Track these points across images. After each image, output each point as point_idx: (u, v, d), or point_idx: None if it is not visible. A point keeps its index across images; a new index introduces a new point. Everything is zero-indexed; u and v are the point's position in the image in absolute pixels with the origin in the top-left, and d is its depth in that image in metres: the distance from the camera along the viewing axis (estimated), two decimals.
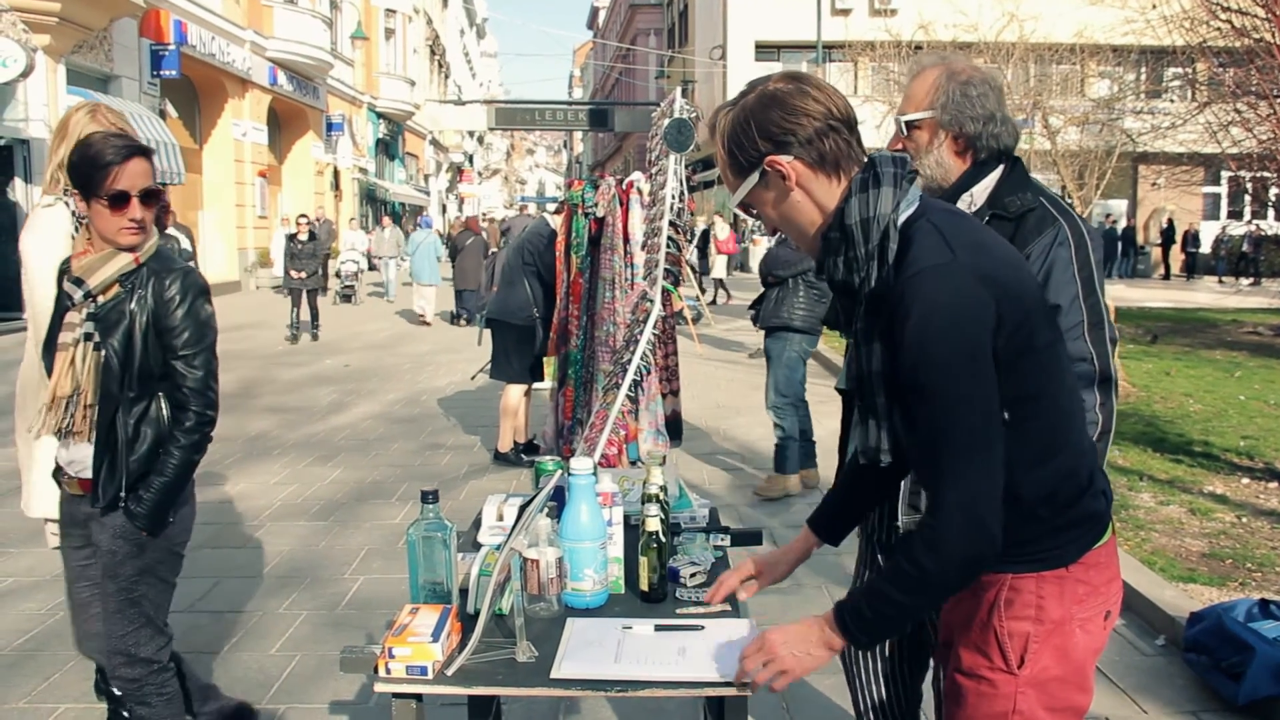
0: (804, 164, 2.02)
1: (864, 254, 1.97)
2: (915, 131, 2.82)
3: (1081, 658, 2.08)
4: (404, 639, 2.18)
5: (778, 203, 2.09)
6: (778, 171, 2.03)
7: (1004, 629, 2.06)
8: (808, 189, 2.04)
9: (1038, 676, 2.05)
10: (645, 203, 6.50)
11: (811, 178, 2.03)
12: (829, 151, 2.02)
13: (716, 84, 36.79)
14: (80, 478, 3.12)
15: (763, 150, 2.03)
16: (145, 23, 21.04)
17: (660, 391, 5.58)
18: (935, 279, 1.88)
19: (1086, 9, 15.86)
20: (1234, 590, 5.23)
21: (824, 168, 2.03)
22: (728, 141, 2.09)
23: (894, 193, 1.97)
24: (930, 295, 1.87)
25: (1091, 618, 2.07)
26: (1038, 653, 2.05)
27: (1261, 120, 12.52)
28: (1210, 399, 10.61)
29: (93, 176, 2.96)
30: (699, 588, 2.59)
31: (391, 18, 41.48)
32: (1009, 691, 2.07)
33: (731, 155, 2.09)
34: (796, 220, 2.09)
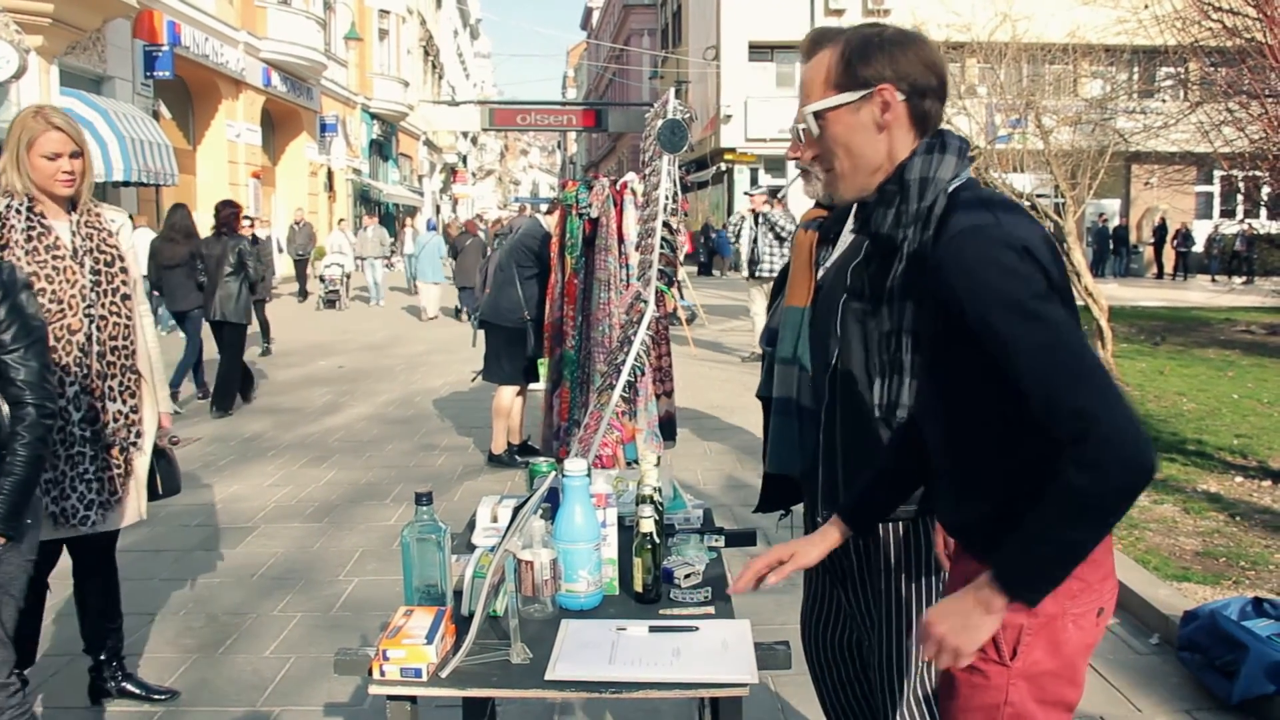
0: (907, 109, 2.07)
1: (914, 210, 2.02)
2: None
3: (1073, 653, 2.07)
4: (398, 641, 2.18)
5: (857, 130, 2.09)
6: (884, 102, 2.05)
7: None
8: (892, 133, 2.08)
9: (1029, 669, 2.05)
10: (639, 203, 6.51)
11: (903, 125, 2.08)
12: (926, 111, 2.08)
13: (710, 84, 36.81)
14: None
15: (884, 75, 2.05)
16: (138, 24, 21.00)
17: (654, 392, 5.59)
18: (982, 232, 1.91)
19: (1079, 9, 15.88)
20: (1227, 589, 5.24)
21: (915, 123, 2.08)
22: (851, 50, 2.08)
23: (956, 162, 2.04)
24: (982, 246, 1.89)
25: (1085, 614, 2.06)
26: (1030, 645, 2.04)
27: (1253, 119, 12.55)
28: (1204, 398, 10.62)
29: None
30: (693, 589, 2.60)
31: (385, 18, 41.44)
32: (1000, 683, 2.07)
33: (846, 64, 2.08)
34: (864, 155, 2.10)
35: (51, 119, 3.66)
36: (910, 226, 2.03)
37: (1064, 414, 1.81)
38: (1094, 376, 1.81)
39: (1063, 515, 1.83)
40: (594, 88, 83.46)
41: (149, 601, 5.38)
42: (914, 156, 2.05)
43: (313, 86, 32.63)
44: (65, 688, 4.38)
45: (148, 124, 20.06)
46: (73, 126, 3.72)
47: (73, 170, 3.68)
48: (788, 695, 4.25)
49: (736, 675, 2.17)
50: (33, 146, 3.63)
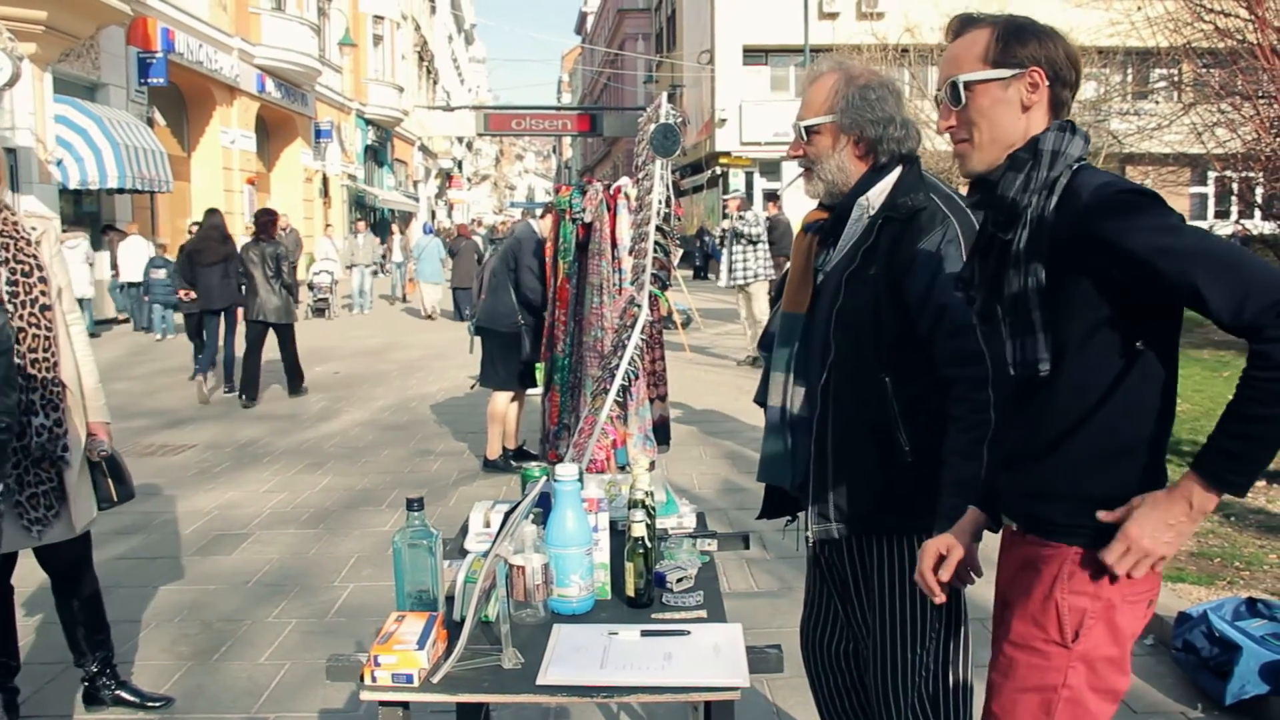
0: (1049, 94, 2.21)
1: (1043, 178, 2.14)
2: (815, 137, 2.82)
3: (1127, 640, 2.15)
4: (389, 647, 2.18)
5: (1001, 105, 2.23)
6: (1032, 83, 2.20)
7: (1065, 602, 2.12)
8: (1032, 114, 2.22)
9: (1089, 653, 2.12)
10: (632, 208, 6.51)
11: (1042, 108, 2.22)
12: (1063, 101, 2.24)
13: (705, 88, 36.82)
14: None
15: (1038, 58, 2.20)
16: (132, 31, 21.01)
17: (648, 396, 5.59)
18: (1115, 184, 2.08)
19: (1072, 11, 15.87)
20: (1222, 589, 5.25)
21: (1052, 108, 2.23)
22: (1008, 32, 2.22)
23: (1084, 145, 2.17)
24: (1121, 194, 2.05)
25: (1139, 602, 2.15)
26: (1092, 628, 2.11)
27: (1246, 121, 12.56)
28: (1198, 398, 10.64)
29: None
30: (685, 593, 2.60)
31: (379, 24, 41.43)
32: (1061, 664, 2.13)
33: (1003, 42, 2.22)
34: (1003, 128, 2.23)
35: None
36: (1037, 194, 2.13)
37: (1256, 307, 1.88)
38: (1251, 261, 1.92)
39: (1265, 397, 1.90)
40: (589, 92, 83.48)
41: (143, 608, 5.38)
42: (1048, 132, 2.18)
43: (307, 92, 32.63)
44: (59, 695, 4.38)
45: (142, 131, 20.06)
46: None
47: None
48: (782, 699, 4.25)
49: (728, 679, 2.17)
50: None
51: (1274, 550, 5.83)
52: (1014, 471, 2.26)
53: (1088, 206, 2.06)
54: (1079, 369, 2.12)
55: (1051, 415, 2.17)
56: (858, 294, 2.68)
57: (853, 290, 2.69)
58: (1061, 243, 2.07)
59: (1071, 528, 2.12)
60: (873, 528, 2.75)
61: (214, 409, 11.25)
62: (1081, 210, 2.06)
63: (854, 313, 2.68)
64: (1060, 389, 2.15)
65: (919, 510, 2.60)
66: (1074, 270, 2.07)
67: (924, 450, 2.59)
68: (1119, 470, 2.10)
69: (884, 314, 2.64)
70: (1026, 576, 2.20)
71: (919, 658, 2.73)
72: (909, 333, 2.61)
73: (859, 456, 2.70)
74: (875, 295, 2.65)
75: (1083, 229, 2.04)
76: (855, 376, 2.69)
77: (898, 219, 2.66)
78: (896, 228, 2.65)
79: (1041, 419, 2.19)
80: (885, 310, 2.63)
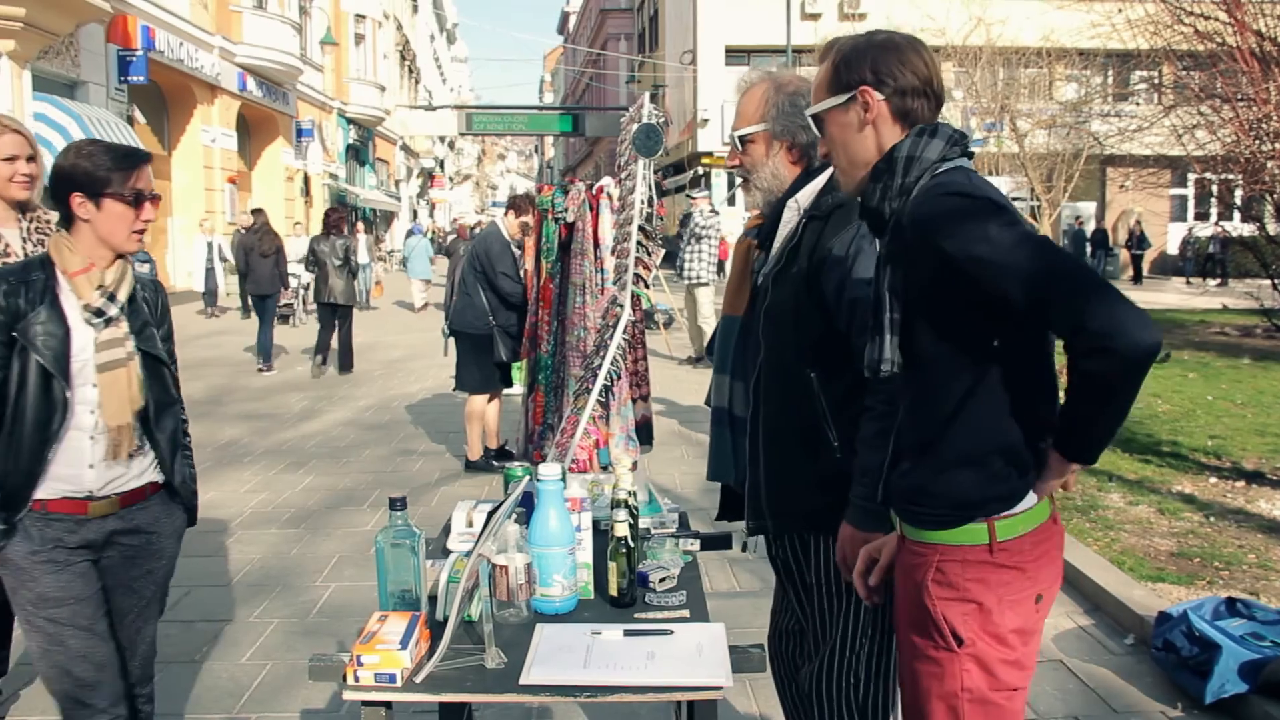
0: (888, 108, 2.24)
1: (898, 185, 2.17)
2: (750, 146, 2.88)
3: (1016, 640, 2.17)
4: (372, 646, 2.17)
5: (847, 129, 2.29)
6: (864, 102, 2.24)
7: (937, 609, 2.15)
8: (879, 130, 2.26)
9: (980, 655, 2.14)
10: (615, 208, 6.51)
11: (888, 122, 2.25)
12: (912, 110, 2.25)
13: (687, 89, 36.85)
14: (121, 492, 3.00)
15: (864, 78, 2.24)
16: (112, 28, 20.87)
17: (630, 396, 5.59)
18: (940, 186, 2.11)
19: (1053, 13, 15.99)
20: (1202, 589, 5.28)
21: (901, 120, 2.25)
22: (840, 58, 2.30)
23: (943, 147, 2.18)
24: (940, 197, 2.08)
25: (1021, 600, 2.16)
26: (971, 631, 2.14)
27: (1225, 123, 12.66)
28: (1178, 399, 10.70)
29: (113, 175, 2.86)
30: (668, 592, 2.60)
31: (361, 23, 41.31)
32: (955, 670, 2.15)
33: (836, 70, 2.29)
34: (854, 151, 2.29)
35: (4, 122, 3.60)
36: (895, 199, 2.17)
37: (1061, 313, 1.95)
38: (1080, 274, 1.95)
39: (1087, 402, 2.00)
40: (571, 92, 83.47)
41: None
42: (904, 139, 2.21)
43: (288, 91, 32.49)
44: (42, 698, 4.35)
45: (122, 129, 19.94)
46: (26, 131, 3.67)
47: (29, 173, 3.62)
48: (765, 698, 4.26)
49: (711, 678, 2.17)
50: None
51: (1253, 550, 5.86)
52: (894, 470, 2.31)
53: (917, 211, 2.10)
54: (940, 370, 2.15)
55: (921, 415, 2.21)
56: (782, 292, 2.71)
57: (779, 289, 2.73)
58: (909, 246, 2.12)
59: (937, 522, 2.17)
60: (805, 525, 2.77)
61: (194, 409, 11.19)
62: (915, 215, 2.10)
63: (779, 311, 2.72)
64: (925, 389, 2.19)
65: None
66: (923, 273, 2.10)
67: (854, 446, 2.59)
68: (983, 470, 2.13)
69: (805, 311, 2.66)
70: (906, 584, 2.25)
71: (848, 663, 2.74)
72: (832, 329, 2.62)
73: (790, 453, 2.73)
74: (796, 293, 2.67)
75: (918, 233, 2.08)
76: (783, 374, 2.72)
77: (819, 217, 2.68)
78: (818, 225, 2.68)
79: (914, 419, 2.24)
80: (805, 307, 2.66)
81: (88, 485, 2.91)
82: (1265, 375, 12.43)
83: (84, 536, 2.94)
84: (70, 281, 2.86)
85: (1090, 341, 1.91)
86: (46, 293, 2.84)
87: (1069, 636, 4.97)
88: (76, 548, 2.93)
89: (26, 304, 2.80)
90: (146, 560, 3.12)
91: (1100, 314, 1.89)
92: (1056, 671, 4.59)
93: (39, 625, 2.90)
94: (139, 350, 2.95)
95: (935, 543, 2.17)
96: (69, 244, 2.89)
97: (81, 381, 2.85)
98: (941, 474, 2.16)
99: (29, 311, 2.80)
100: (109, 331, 2.89)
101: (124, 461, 2.95)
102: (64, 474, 2.88)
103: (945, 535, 2.16)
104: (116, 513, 2.99)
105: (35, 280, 2.85)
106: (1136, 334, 1.89)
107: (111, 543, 3.02)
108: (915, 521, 2.22)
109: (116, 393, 2.89)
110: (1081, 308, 1.91)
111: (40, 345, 2.79)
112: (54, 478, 2.87)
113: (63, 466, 2.87)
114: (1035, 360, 2.16)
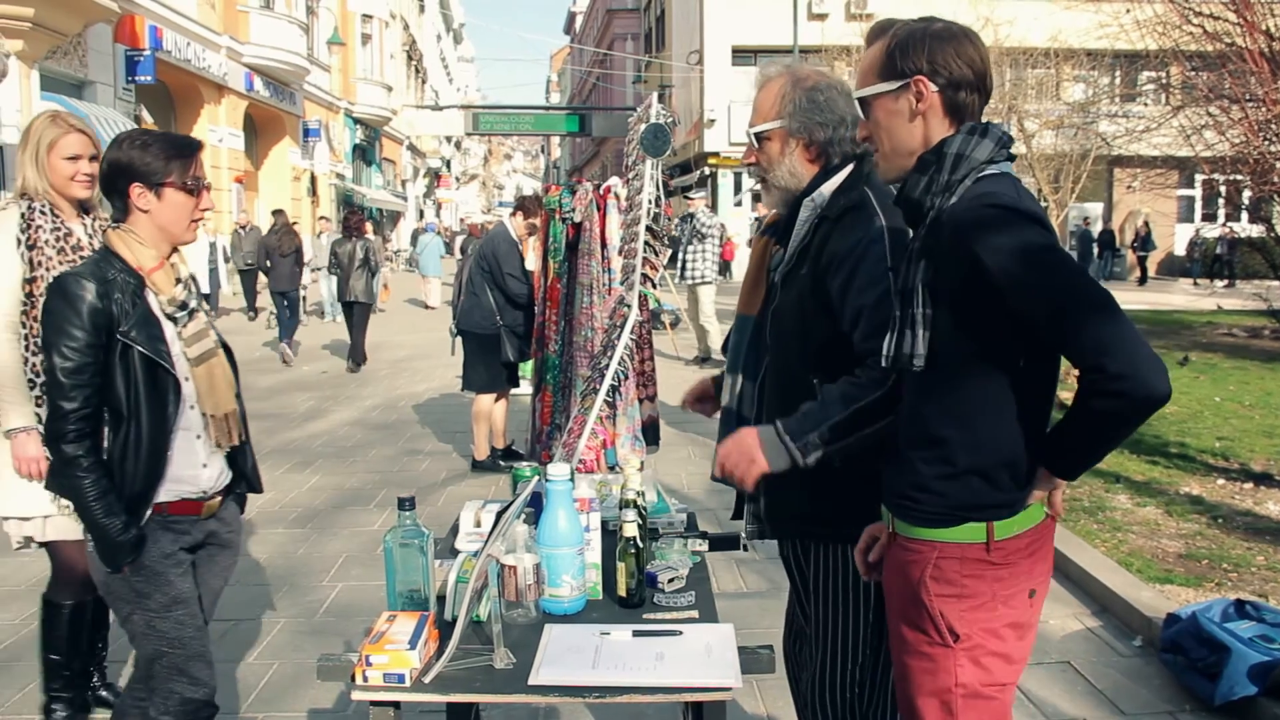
0: (940, 100, 2.22)
1: (944, 181, 2.16)
2: (766, 143, 2.79)
3: (1011, 635, 2.21)
4: (381, 646, 2.17)
5: (895, 116, 2.26)
6: (917, 92, 2.22)
7: (934, 605, 2.18)
8: (928, 121, 2.24)
9: (974, 650, 2.17)
10: (622, 208, 6.51)
11: (938, 114, 2.23)
12: (963, 103, 2.23)
13: (694, 89, 36.83)
14: (219, 491, 3.04)
15: (919, 67, 2.21)
16: (120, 28, 20.89)
17: (637, 397, 5.58)
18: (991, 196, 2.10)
19: (1061, 13, 15.97)
20: (1210, 591, 5.26)
21: (951, 113, 2.23)
22: (895, 43, 2.25)
23: (992, 148, 2.17)
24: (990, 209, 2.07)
25: (1015, 594, 2.19)
26: (967, 626, 2.17)
27: (1234, 124, 12.63)
28: (1186, 400, 10.66)
29: (172, 164, 2.85)
30: (677, 593, 2.59)
31: (368, 23, 41.37)
32: (949, 665, 2.18)
33: (890, 56, 2.25)
34: (899, 139, 2.27)
35: (70, 122, 3.64)
36: (939, 195, 2.16)
37: (1083, 347, 1.96)
38: (1105, 310, 1.96)
39: (1088, 432, 2.05)
40: (578, 92, 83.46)
41: None
42: (955, 135, 2.20)
43: (295, 91, 32.53)
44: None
45: (129, 129, 19.97)
46: (91, 131, 3.70)
47: (91, 173, 3.64)
48: (773, 699, 4.25)
49: (720, 679, 2.17)
50: (53, 148, 3.59)
51: (1261, 552, 5.85)
52: (894, 463, 2.31)
53: (961, 215, 2.10)
54: (958, 373, 2.15)
55: (931, 415, 2.20)
56: (790, 293, 2.68)
57: (787, 290, 2.70)
58: (945, 247, 2.11)
59: (936, 520, 2.19)
60: (802, 532, 2.76)
61: None
62: (957, 218, 2.10)
63: (786, 313, 2.69)
64: (940, 390, 2.18)
65: (850, 518, 2.58)
66: (953, 275, 2.10)
67: (853, 456, 2.55)
68: (989, 481, 2.16)
69: (810, 313, 2.62)
70: (900, 581, 2.26)
71: (849, 671, 2.72)
72: (837, 334, 2.57)
73: None
74: (803, 294, 2.63)
75: (956, 237, 2.08)
76: (787, 377, 2.70)
77: (831, 218, 2.63)
78: (829, 227, 2.63)
79: (922, 417, 2.23)
80: (811, 309, 2.61)
81: (203, 484, 2.96)
82: (1273, 377, 12.39)
83: (194, 537, 3.00)
84: (149, 278, 2.86)
85: (1106, 384, 1.94)
86: (136, 291, 2.82)
87: (1077, 638, 4.96)
88: (187, 550, 2.99)
89: (126, 304, 2.78)
90: (224, 556, 3.18)
91: (1120, 357, 1.92)
92: (1064, 673, 4.58)
93: (163, 630, 2.90)
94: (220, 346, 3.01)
95: (934, 540, 2.20)
96: (136, 238, 2.86)
97: (180, 378, 2.86)
98: (947, 477, 2.17)
99: (130, 310, 2.78)
100: (193, 324, 2.92)
101: (222, 457, 3.02)
102: (181, 475, 2.90)
103: (943, 533, 2.18)
104: (216, 513, 3.06)
105: (120, 279, 2.80)
106: (1152, 382, 1.92)
107: (204, 543, 3.07)
108: (911, 517, 2.24)
109: (214, 382, 2.93)
110: (1104, 347, 1.93)
111: (150, 344, 2.79)
112: (172, 479, 2.88)
113: (179, 468, 2.89)
114: (1050, 377, 2.18)
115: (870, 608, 2.66)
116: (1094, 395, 1.97)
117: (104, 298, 2.74)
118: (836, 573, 2.69)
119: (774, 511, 2.76)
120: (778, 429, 2.54)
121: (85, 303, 2.71)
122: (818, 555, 2.73)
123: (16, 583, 5.60)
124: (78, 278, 2.76)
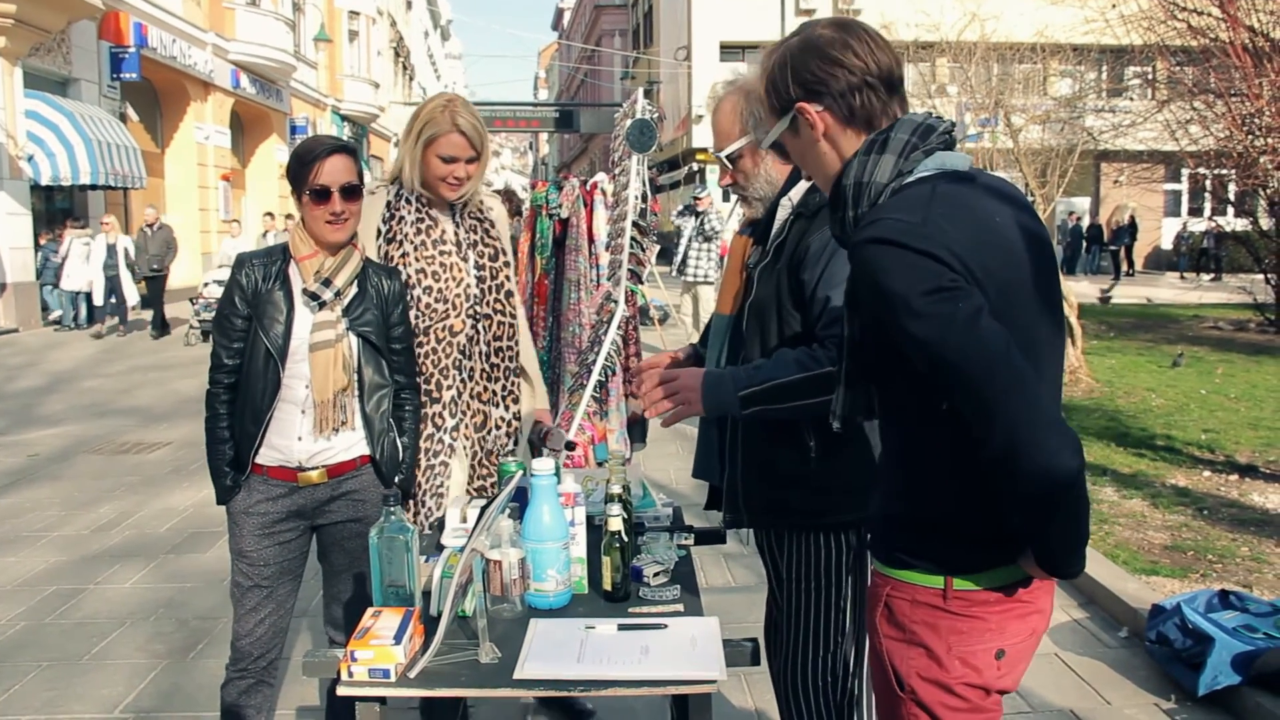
0: (834, 116, 1.99)
1: (853, 217, 1.93)
2: (739, 162, 2.81)
3: (966, 690, 1.95)
4: (366, 642, 2.17)
5: (805, 149, 2.07)
6: (806, 120, 2.00)
7: (881, 644, 2.02)
8: (835, 141, 2.01)
9: (923, 699, 1.96)
10: (609, 204, 6.51)
11: (840, 131, 2.00)
12: (860, 108, 1.97)
13: (681, 84, 36.83)
14: (330, 464, 3.19)
15: (794, 96, 2.01)
16: (104, 25, 20.83)
17: (625, 393, 5.59)
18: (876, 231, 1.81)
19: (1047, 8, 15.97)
20: (1195, 581, 5.29)
21: (854, 123, 1.99)
22: (765, 81, 2.07)
23: (896, 161, 1.90)
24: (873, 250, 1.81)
25: (978, 652, 1.94)
26: (913, 679, 1.97)
27: (1218, 118, 12.68)
28: (1172, 393, 10.71)
29: (299, 173, 3.09)
30: (662, 587, 2.60)
31: (355, 20, 41.25)
32: (902, 713, 2.01)
33: (768, 95, 2.07)
34: (817, 166, 2.08)
35: (458, 119, 3.41)
36: (851, 232, 1.93)
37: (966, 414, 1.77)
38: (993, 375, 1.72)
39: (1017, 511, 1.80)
40: (566, 88, 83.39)
41: (120, 607, 5.34)
42: (851, 161, 1.96)
43: (282, 88, 32.45)
44: (32, 693, 4.34)
45: (114, 126, 19.90)
46: (476, 129, 3.46)
47: (465, 176, 3.45)
48: (760, 692, 4.26)
49: (705, 672, 2.17)
50: (432, 145, 3.40)
51: (1246, 543, 5.88)
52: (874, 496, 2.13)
53: (851, 254, 1.87)
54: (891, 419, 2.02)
55: (885, 457, 2.10)
56: (766, 289, 2.69)
57: (763, 285, 2.71)
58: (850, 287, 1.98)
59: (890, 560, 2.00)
60: (778, 521, 2.78)
61: (190, 406, 11.18)
62: (851, 257, 1.88)
63: (761, 307, 2.70)
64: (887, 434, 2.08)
65: (826, 508, 2.63)
66: (866, 319, 1.94)
67: (831, 448, 2.59)
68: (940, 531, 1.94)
69: (784, 308, 2.64)
70: (869, 615, 2.09)
71: (822, 659, 2.75)
72: (809, 327, 2.60)
73: (766, 451, 2.73)
74: (779, 289, 2.65)
75: (851, 281, 1.94)
76: None
77: (805, 215, 2.65)
78: (804, 224, 2.64)
79: (883, 455, 2.12)
80: (786, 305, 2.64)
81: (296, 456, 3.15)
82: (1259, 369, 12.46)
83: (296, 503, 3.21)
84: (299, 265, 3.14)
85: (990, 461, 1.74)
86: (280, 274, 3.14)
87: (1063, 629, 4.98)
88: (287, 516, 3.23)
89: (264, 283, 3.11)
90: (355, 522, 3.31)
91: (999, 433, 1.71)
92: (1051, 664, 4.60)
93: (234, 576, 3.29)
94: (351, 332, 3.15)
95: (889, 576, 2.00)
96: (300, 233, 3.17)
97: (299, 358, 3.10)
98: (903, 524, 2.00)
99: (265, 290, 3.11)
100: (323, 314, 3.10)
101: (329, 435, 3.15)
102: (277, 444, 3.15)
103: (897, 571, 1.99)
104: (327, 482, 3.21)
105: (275, 262, 3.16)
106: (1039, 460, 1.69)
107: (324, 510, 3.27)
108: (874, 549, 2.08)
109: (324, 371, 3.09)
110: (984, 420, 1.73)
111: (266, 322, 3.09)
112: (269, 445, 3.15)
113: (276, 436, 3.14)
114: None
115: (843, 596, 2.69)
116: (986, 472, 1.76)
117: (249, 274, 3.11)
118: (809, 561, 2.72)
119: (754, 504, 2.78)
120: (729, 374, 2.56)
121: (234, 278, 3.13)
122: (791, 544, 2.76)
123: (8, 580, 5.59)
124: (244, 256, 3.19)
